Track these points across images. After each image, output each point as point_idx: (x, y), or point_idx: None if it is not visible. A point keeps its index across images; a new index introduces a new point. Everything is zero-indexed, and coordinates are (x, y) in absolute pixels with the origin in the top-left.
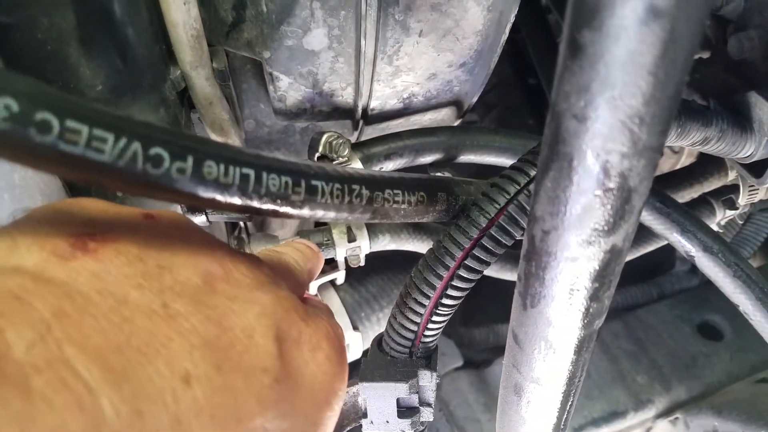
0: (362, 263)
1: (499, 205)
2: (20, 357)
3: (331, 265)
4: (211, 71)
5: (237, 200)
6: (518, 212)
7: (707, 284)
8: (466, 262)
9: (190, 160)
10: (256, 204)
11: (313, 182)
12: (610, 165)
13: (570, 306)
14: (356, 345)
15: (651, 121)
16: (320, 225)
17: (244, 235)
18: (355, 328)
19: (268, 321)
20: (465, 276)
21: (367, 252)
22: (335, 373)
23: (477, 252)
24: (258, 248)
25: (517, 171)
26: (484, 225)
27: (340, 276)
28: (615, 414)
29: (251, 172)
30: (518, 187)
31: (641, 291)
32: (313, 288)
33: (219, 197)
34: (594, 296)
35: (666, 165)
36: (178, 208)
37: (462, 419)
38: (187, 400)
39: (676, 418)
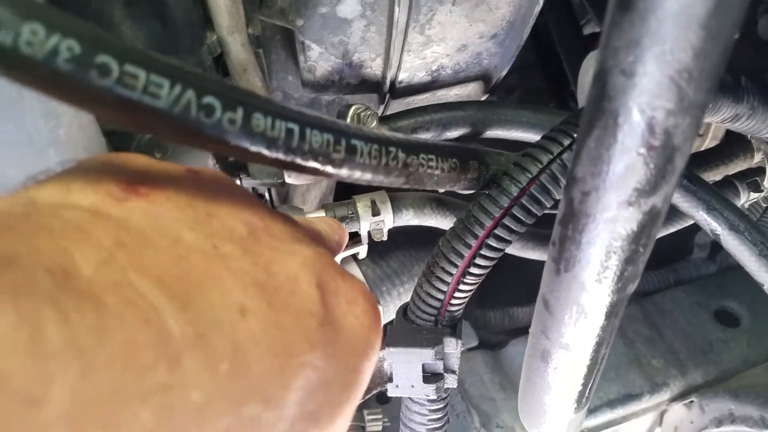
0: (385, 237)
1: (531, 174)
2: (89, 276)
3: (354, 239)
4: (247, 37)
5: (281, 155)
6: (551, 181)
7: (725, 271)
8: (495, 231)
9: (240, 111)
10: (299, 160)
11: (353, 141)
12: (655, 122)
13: (605, 269)
14: None
15: (699, 77)
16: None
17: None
18: (377, 302)
19: (310, 271)
20: (494, 245)
21: (391, 226)
22: (371, 326)
23: (507, 221)
24: None
25: (550, 140)
26: (515, 194)
27: (362, 250)
28: (630, 396)
29: (296, 127)
30: (551, 156)
31: (658, 277)
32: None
33: (265, 150)
34: (630, 259)
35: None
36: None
37: (477, 397)
38: (244, 329)
39: (691, 402)
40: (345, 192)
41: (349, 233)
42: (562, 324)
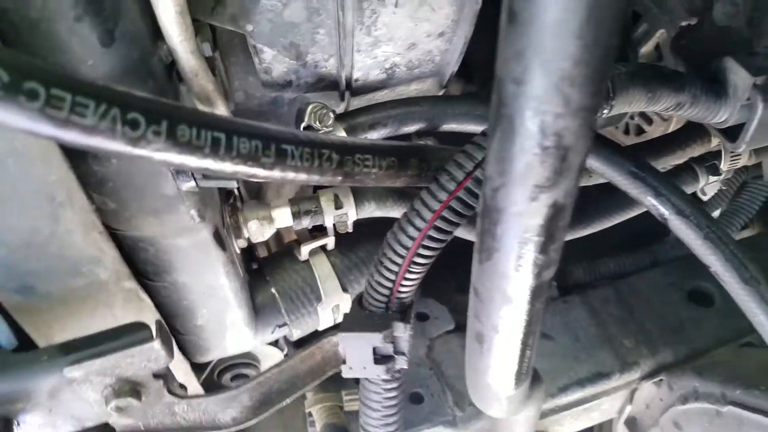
0: (350, 229)
1: (468, 169)
2: None
3: (321, 231)
4: (196, 45)
5: (210, 162)
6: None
7: None
8: (436, 223)
9: (164, 124)
10: (229, 166)
11: (284, 146)
12: (546, 125)
13: (519, 258)
14: (347, 306)
15: (582, 83)
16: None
17: (238, 203)
18: (345, 290)
19: None
20: (435, 236)
21: (354, 219)
22: None
23: (446, 214)
24: (251, 216)
25: (485, 138)
26: (453, 189)
27: (330, 242)
28: (600, 375)
29: (222, 136)
30: (485, 153)
31: (634, 259)
32: (305, 253)
33: (193, 159)
34: (542, 249)
35: (656, 132)
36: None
37: (452, 377)
38: None
39: (661, 380)
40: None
41: (317, 226)
42: (490, 309)
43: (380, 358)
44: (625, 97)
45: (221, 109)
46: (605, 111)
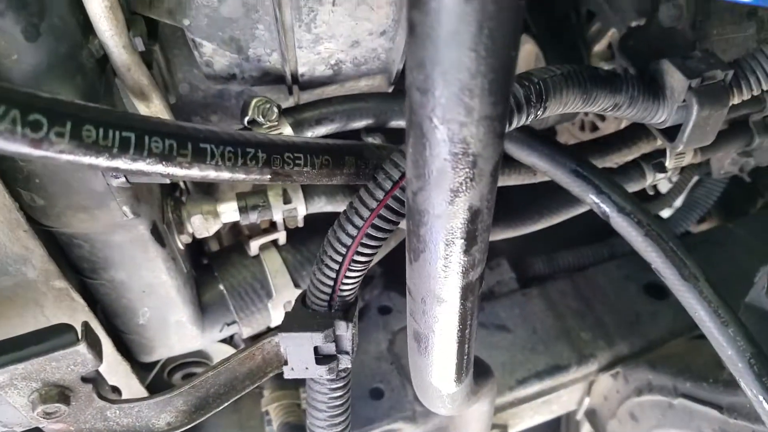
0: (300, 224)
1: (403, 168)
2: None
3: (273, 225)
4: (128, 39)
5: (120, 162)
6: None
7: None
8: (375, 222)
9: (68, 125)
10: (143, 165)
11: (202, 145)
12: (452, 133)
13: (445, 258)
14: None
15: (481, 93)
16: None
17: (183, 197)
18: (297, 286)
19: None
20: (375, 235)
21: (304, 214)
22: None
23: (384, 213)
24: (195, 210)
25: None
26: (389, 187)
27: (281, 237)
28: (558, 368)
29: (131, 135)
30: None
31: (593, 251)
32: (254, 248)
33: (100, 159)
34: (465, 250)
35: (609, 129)
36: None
37: None
38: None
39: (617, 373)
40: None
41: (267, 221)
42: (422, 308)
43: (322, 358)
44: (559, 98)
45: (156, 103)
46: (539, 112)
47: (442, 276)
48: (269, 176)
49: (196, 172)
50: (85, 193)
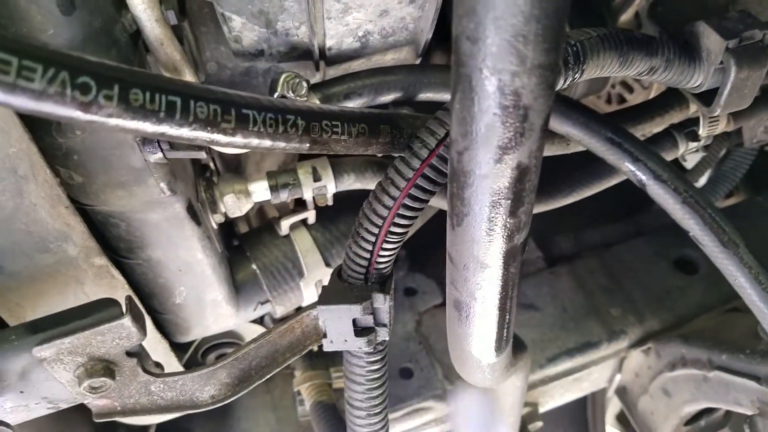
0: (330, 202)
1: (440, 136)
2: None
3: (303, 206)
4: (161, 13)
5: (166, 127)
6: None
7: None
8: (411, 192)
9: (116, 87)
10: (187, 131)
11: (245, 111)
12: (503, 83)
13: (489, 221)
14: None
15: (535, 40)
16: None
17: (214, 178)
18: (328, 264)
19: None
20: (411, 205)
21: (334, 191)
22: None
23: (420, 182)
24: (227, 189)
25: None
26: (426, 156)
27: (310, 216)
28: (589, 344)
29: (177, 100)
30: None
31: (620, 229)
32: (285, 227)
33: (147, 124)
34: (510, 211)
35: (637, 100)
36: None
37: (440, 351)
38: None
39: (649, 348)
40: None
41: (299, 200)
42: (464, 275)
43: (360, 330)
44: (597, 61)
45: (189, 79)
46: (576, 75)
47: (486, 240)
48: (308, 144)
49: (239, 139)
50: (124, 169)
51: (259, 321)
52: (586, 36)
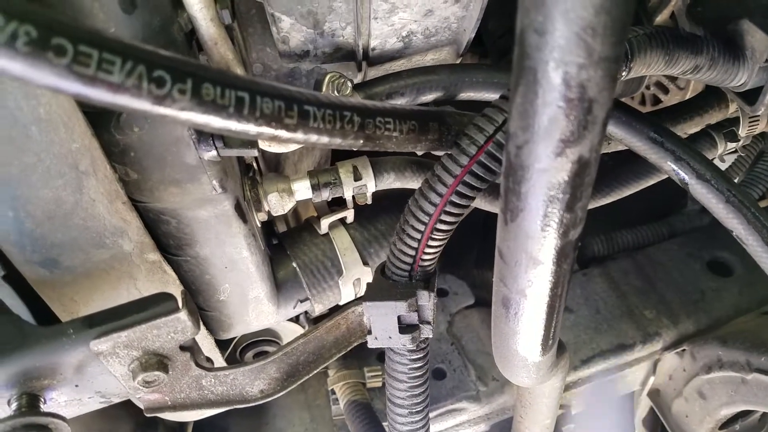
0: (369, 201)
1: (488, 133)
2: None
3: (340, 204)
4: (216, 12)
5: (234, 123)
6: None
7: (718, 222)
8: (458, 188)
9: (189, 82)
10: (253, 126)
11: (306, 107)
12: (569, 76)
13: (545, 217)
14: (367, 279)
15: (603, 32)
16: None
17: (258, 177)
18: (366, 263)
19: None
20: (458, 202)
21: (373, 190)
22: None
23: (468, 179)
24: (271, 188)
25: (505, 100)
26: (474, 153)
27: (349, 215)
28: (623, 346)
29: (246, 95)
30: (506, 116)
31: (652, 230)
32: (324, 226)
33: (217, 118)
34: (567, 207)
35: (672, 102)
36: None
37: (473, 352)
38: None
39: (683, 350)
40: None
41: (335, 198)
42: (515, 271)
43: (405, 327)
44: (643, 59)
45: None
46: (623, 73)
47: (541, 236)
48: (362, 141)
49: (300, 135)
50: (179, 166)
51: (295, 320)
52: (634, 34)
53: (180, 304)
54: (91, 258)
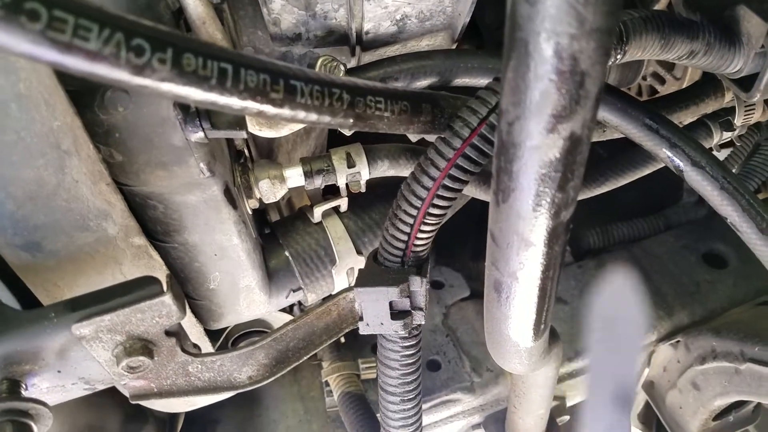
0: (363, 189)
1: (482, 115)
2: None
3: (334, 193)
4: None
5: (216, 95)
6: None
7: (714, 215)
8: (450, 172)
9: (169, 51)
10: (236, 100)
11: (292, 82)
12: (561, 47)
13: (536, 196)
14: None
15: (595, 1)
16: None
17: (249, 164)
18: (359, 252)
19: None
20: (450, 186)
21: (367, 178)
22: None
23: (461, 162)
24: (262, 174)
25: (498, 82)
26: (467, 135)
27: (343, 203)
28: None
29: (229, 67)
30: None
31: (648, 223)
32: (317, 215)
33: (198, 90)
34: (560, 186)
35: (669, 92)
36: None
37: (468, 344)
38: None
39: (678, 342)
40: None
41: (329, 187)
42: (507, 254)
43: (397, 313)
44: (639, 42)
45: None
46: (618, 56)
47: (533, 216)
48: (352, 120)
49: (286, 111)
50: (165, 148)
51: (289, 310)
52: (629, 17)
53: (165, 288)
54: (74, 241)
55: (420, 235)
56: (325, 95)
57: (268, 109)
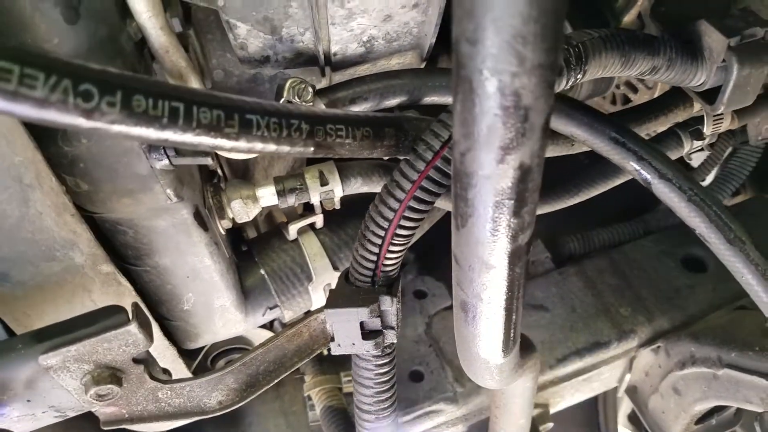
0: (337, 206)
1: (444, 138)
2: None
3: (309, 210)
4: (166, 21)
5: (170, 133)
6: None
7: None
8: (416, 194)
9: (119, 94)
10: (190, 136)
11: (248, 116)
12: (503, 84)
13: (493, 222)
14: None
15: (534, 40)
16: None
17: (222, 184)
18: (336, 268)
19: None
20: (416, 207)
21: (341, 195)
22: None
23: (426, 184)
24: (234, 195)
25: None
26: (430, 158)
27: (318, 220)
28: (598, 344)
29: (180, 105)
30: None
31: (627, 228)
32: (293, 232)
33: (150, 129)
34: (513, 212)
35: (642, 100)
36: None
37: (450, 354)
38: None
39: (658, 347)
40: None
41: (304, 204)
42: (469, 276)
43: (368, 333)
44: (599, 61)
45: (195, 87)
46: (579, 76)
47: (491, 240)
48: (312, 148)
49: (243, 144)
50: (130, 176)
51: (269, 326)
52: (588, 37)
53: (130, 317)
54: (42, 271)
55: (389, 255)
56: (282, 126)
57: (224, 143)
